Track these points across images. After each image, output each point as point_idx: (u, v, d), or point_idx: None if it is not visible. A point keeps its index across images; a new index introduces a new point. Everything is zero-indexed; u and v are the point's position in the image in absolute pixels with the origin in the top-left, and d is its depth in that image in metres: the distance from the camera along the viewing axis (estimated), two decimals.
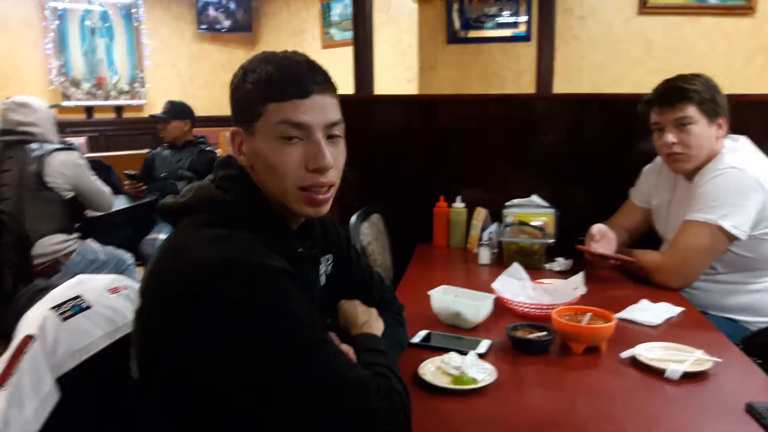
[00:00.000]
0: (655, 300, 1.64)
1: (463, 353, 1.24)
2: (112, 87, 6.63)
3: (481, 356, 1.27)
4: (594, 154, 2.46)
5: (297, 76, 0.98)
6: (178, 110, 3.85)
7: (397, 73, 5.31)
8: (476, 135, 2.57)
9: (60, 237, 2.67)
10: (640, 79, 4.28)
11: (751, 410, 1.06)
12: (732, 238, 1.74)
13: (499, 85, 4.71)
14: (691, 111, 1.79)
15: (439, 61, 4.85)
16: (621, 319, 1.49)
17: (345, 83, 1.20)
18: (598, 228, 1.93)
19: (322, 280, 1.17)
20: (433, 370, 1.21)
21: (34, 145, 2.65)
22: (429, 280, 1.80)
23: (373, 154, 2.56)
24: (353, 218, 2.15)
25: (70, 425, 1.00)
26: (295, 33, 7.09)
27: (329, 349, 0.93)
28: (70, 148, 2.77)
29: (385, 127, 2.66)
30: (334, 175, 1.02)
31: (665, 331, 1.48)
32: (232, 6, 7.27)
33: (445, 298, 1.53)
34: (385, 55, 3.11)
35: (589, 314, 1.37)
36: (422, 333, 1.43)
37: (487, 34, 4.77)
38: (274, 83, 0.97)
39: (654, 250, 1.94)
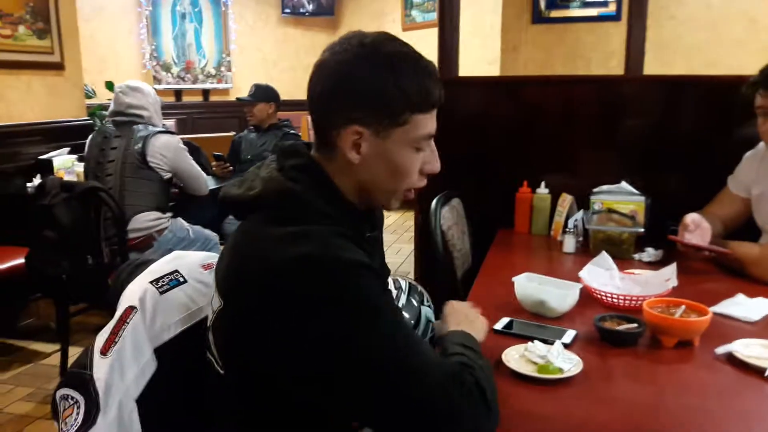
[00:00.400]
0: (752, 295, 1.55)
1: (548, 342, 1.22)
2: (200, 71, 6.88)
3: (566, 346, 1.24)
4: (688, 140, 2.33)
5: (440, 87, 0.98)
6: (263, 93, 3.94)
7: (479, 55, 5.22)
8: (561, 118, 2.50)
9: (155, 214, 2.81)
10: (742, 61, 4.03)
11: None
12: None
13: (585, 67, 4.55)
14: None
15: (523, 41, 4.73)
16: (715, 314, 1.42)
17: None
18: (692, 217, 1.83)
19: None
20: (516, 357, 1.20)
21: (139, 126, 2.82)
22: (510, 266, 1.77)
23: (455, 137, 2.52)
24: (434, 202, 2.14)
25: (164, 394, 1.05)
26: (377, 15, 7.11)
27: (418, 341, 0.92)
28: (171, 132, 2.92)
29: (466, 109, 2.63)
30: None
31: (764, 328, 1.40)
32: None
33: (529, 285, 1.50)
34: (467, 36, 3.06)
35: (682, 307, 1.31)
36: (504, 320, 1.41)
37: (573, 14, 4.62)
38: (428, 96, 0.96)
39: (752, 242, 1.84)
